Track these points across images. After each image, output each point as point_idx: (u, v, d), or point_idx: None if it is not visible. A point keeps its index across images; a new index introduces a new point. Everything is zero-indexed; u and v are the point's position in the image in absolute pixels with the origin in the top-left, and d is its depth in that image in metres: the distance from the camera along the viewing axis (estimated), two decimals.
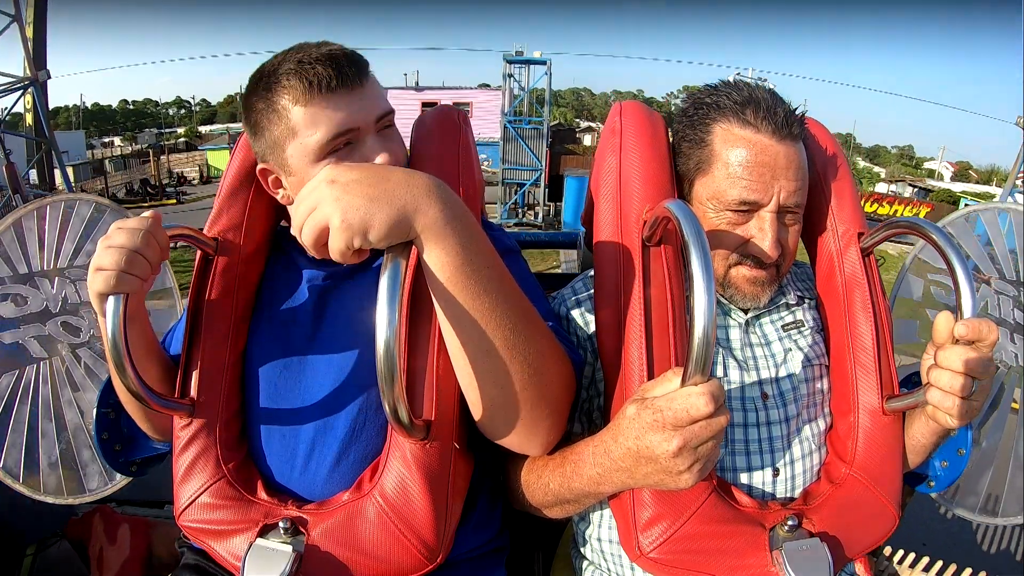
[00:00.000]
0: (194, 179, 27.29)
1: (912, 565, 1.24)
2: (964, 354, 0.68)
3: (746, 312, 0.90)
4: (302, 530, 0.74)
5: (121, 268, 0.70)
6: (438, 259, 0.61)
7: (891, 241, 0.88)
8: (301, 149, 0.77)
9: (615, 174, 0.87)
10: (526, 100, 17.20)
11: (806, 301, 0.95)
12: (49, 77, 11.66)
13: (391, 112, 0.81)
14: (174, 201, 21.63)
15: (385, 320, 0.57)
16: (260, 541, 0.74)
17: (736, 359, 0.88)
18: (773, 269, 0.86)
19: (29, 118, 11.68)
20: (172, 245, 0.78)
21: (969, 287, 0.70)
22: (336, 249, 0.59)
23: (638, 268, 0.80)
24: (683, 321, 0.78)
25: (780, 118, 0.81)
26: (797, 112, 0.85)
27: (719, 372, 0.87)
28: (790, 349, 0.90)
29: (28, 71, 11.25)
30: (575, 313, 0.92)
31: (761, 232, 0.82)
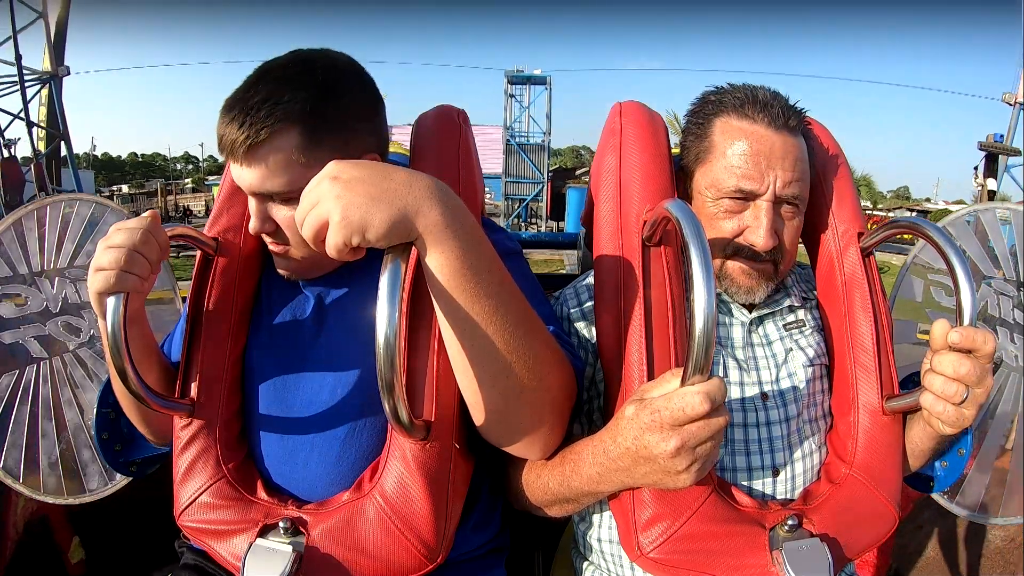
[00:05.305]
0: (199, 212, 27.41)
1: None
2: (958, 361, 0.68)
3: (750, 311, 0.90)
4: (302, 530, 0.74)
5: (121, 267, 0.70)
6: (438, 261, 0.61)
7: (894, 252, 0.89)
8: None
9: (615, 174, 0.87)
10: (527, 119, 17.56)
11: (808, 302, 0.95)
12: (68, 73, 12.18)
13: (278, 194, 0.76)
14: None
15: (385, 320, 0.56)
16: (260, 541, 0.74)
17: (737, 359, 0.88)
18: (770, 265, 0.86)
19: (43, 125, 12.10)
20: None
21: (969, 288, 0.70)
22: (333, 245, 0.59)
23: (638, 268, 0.80)
24: (683, 321, 0.78)
25: (776, 110, 0.83)
26: (797, 107, 0.86)
27: (719, 372, 0.86)
28: (791, 349, 0.90)
29: (49, 66, 11.73)
30: (576, 314, 0.92)
31: (756, 221, 0.83)
